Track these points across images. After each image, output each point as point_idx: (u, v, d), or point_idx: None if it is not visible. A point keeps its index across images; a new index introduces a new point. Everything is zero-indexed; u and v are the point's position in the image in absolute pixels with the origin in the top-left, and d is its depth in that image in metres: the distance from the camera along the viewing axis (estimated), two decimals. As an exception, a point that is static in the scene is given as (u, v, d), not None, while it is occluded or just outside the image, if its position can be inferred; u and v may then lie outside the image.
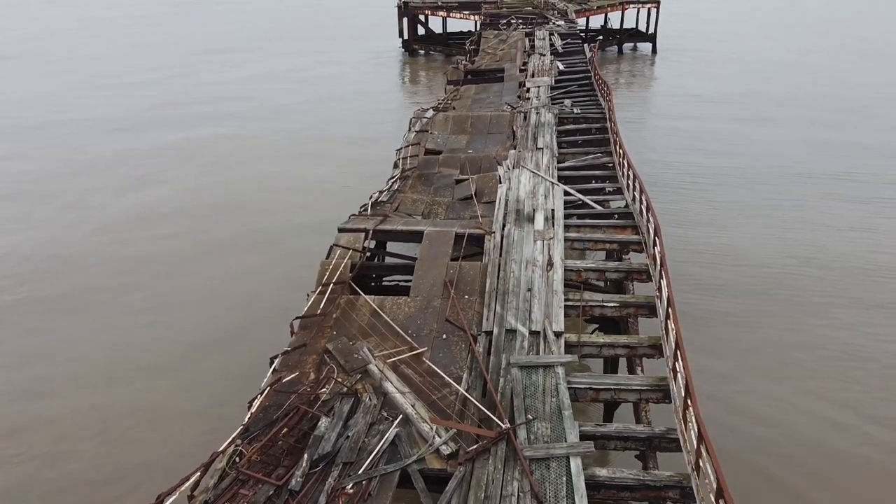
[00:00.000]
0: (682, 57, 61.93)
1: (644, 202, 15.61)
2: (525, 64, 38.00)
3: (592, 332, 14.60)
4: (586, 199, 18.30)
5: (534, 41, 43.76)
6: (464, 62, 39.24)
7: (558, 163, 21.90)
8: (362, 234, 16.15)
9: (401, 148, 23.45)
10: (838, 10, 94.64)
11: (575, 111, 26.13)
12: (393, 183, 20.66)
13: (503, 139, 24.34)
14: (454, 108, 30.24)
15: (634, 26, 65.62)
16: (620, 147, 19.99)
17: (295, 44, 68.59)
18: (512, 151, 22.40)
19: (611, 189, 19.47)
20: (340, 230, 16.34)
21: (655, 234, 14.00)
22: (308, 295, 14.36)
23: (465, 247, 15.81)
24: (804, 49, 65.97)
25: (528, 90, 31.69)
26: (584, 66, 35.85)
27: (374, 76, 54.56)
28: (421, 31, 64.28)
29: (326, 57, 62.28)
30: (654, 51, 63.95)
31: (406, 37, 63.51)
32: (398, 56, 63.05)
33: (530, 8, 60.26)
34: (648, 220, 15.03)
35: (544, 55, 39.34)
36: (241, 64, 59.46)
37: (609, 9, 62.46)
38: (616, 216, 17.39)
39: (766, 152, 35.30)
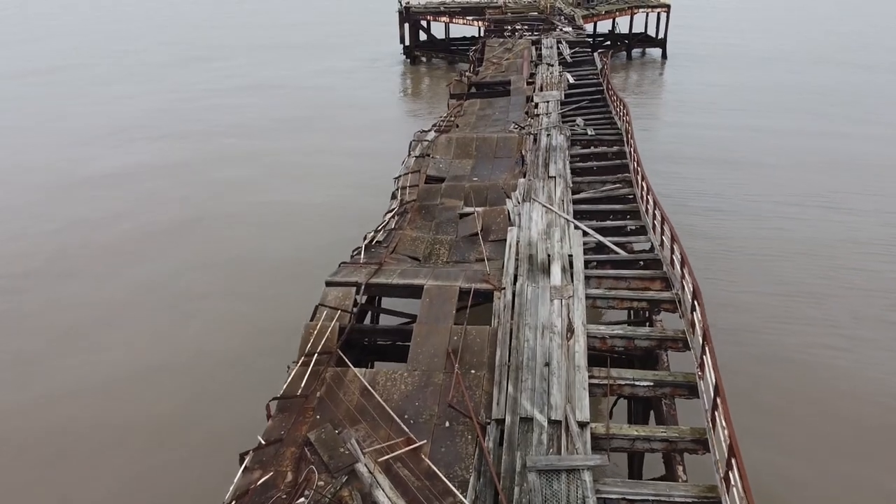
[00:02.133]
0: (692, 62, 59.85)
1: (677, 253, 13.56)
2: (532, 75, 35.97)
3: (621, 425, 12.59)
4: (607, 241, 16.25)
5: (541, 50, 41.71)
6: (467, 73, 37.20)
7: (572, 193, 19.88)
8: (353, 290, 14.14)
9: (399, 176, 21.41)
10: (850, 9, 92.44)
11: (589, 132, 24.07)
12: (390, 219, 18.64)
13: (511, 165, 22.30)
14: (457, 126, 28.24)
15: (643, 31, 63.54)
16: (643, 178, 17.94)
17: (291, 50, 66.75)
18: (521, 180, 20.37)
19: (633, 227, 17.41)
20: (328, 284, 14.31)
21: (694, 295, 11.95)
22: (288, 367, 12.34)
23: (472, 297, 13.82)
24: (815, 52, 63.78)
25: (536, 105, 29.66)
26: (595, 78, 33.79)
27: (374, 86, 52.48)
28: (423, 36, 62.30)
29: (325, 64, 60.31)
30: (664, 56, 61.94)
31: (407, 43, 61.52)
32: (399, 63, 61.04)
33: (536, 13, 58.22)
34: (683, 276, 12.98)
35: (552, 65, 37.30)
36: (232, 72, 57.51)
37: (617, 14, 60.44)
38: (641, 263, 15.34)
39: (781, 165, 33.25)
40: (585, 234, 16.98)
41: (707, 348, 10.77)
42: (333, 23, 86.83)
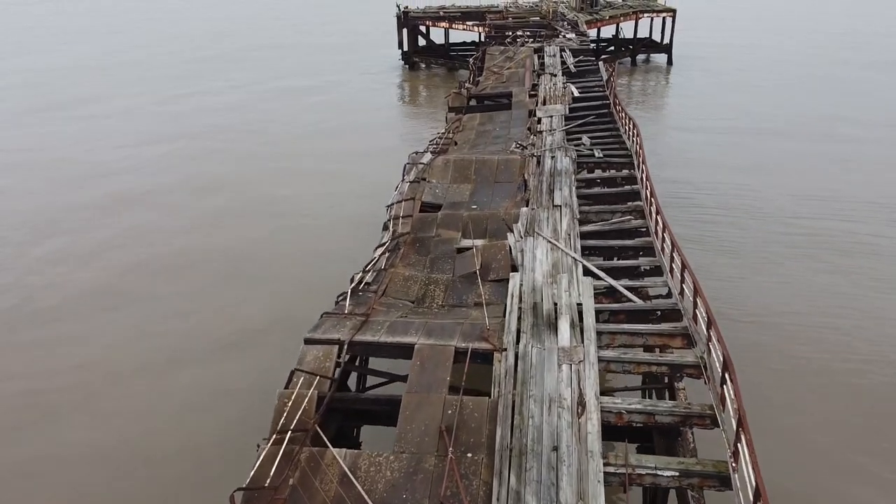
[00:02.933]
0: (699, 69, 58.19)
1: (701, 309, 11.95)
2: (535, 87, 34.33)
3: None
4: (619, 286, 14.62)
5: (543, 59, 40.06)
6: (466, 84, 35.59)
7: (580, 223, 18.26)
8: (335, 348, 12.54)
9: (391, 204, 19.81)
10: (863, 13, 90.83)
11: (596, 154, 22.45)
12: (381, 256, 17.02)
13: (513, 190, 20.69)
14: (455, 143, 26.65)
15: (648, 36, 61.89)
16: (657, 212, 16.32)
17: (285, 55, 65.12)
18: (524, 209, 18.76)
19: (647, 267, 15.79)
20: (307, 341, 12.71)
21: (725, 366, 10.34)
22: (258, 446, 10.74)
23: (469, 359, 12.23)
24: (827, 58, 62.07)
25: (539, 121, 28.04)
26: (600, 90, 32.15)
27: (371, 98, 50.72)
28: (422, 42, 60.68)
29: (320, 70, 58.61)
30: (669, 62, 60.29)
31: (406, 48, 59.91)
32: (397, 69, 59.41)
33: (538, 18, 56.58)
34: (710, 339, 11.37)
35: (555, 76, 35.67)
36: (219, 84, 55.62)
37: (622, 18, 58.78)
38: (659, 313, 13.72)
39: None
40: (595, 275, 15.40)
41: (743, 436, 9.18)
42: (326, 26, 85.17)
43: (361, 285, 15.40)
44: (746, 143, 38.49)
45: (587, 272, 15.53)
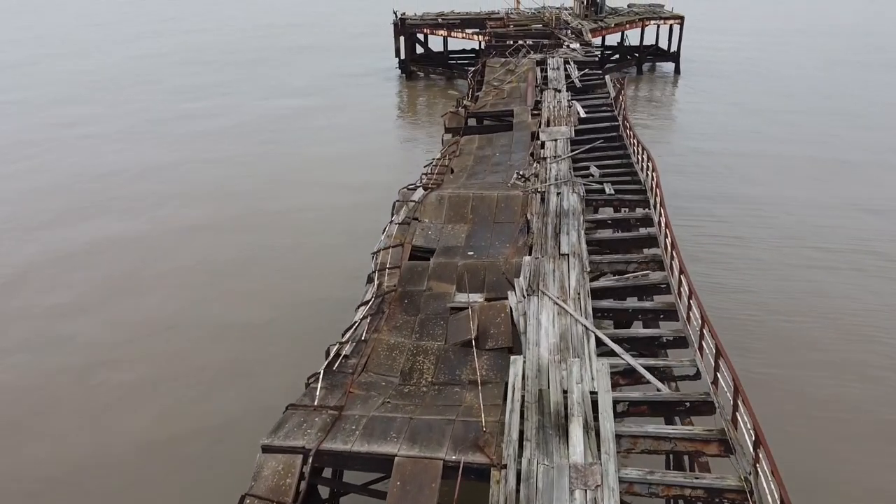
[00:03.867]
0: (708, 78, 55.99)
1: (745, 417, 9.76)
2: (538, 103, 32.16)
3: None
4: (640, 367, 12.43)
5: (546, 72, 37.85)
6: (465, 102, 33.40)
7: (590, 275, 16.08)
8: (298, 459, 10.35)
9: (377, 251, 17.62)
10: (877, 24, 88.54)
11: (607, 190, 20.25)
12: (363, 318, 14.84)
13: (514, 232, 18.49)
14: (451, 171, 24.47)
15: (655, 43, 59.65)
16: (681, 270, 14.11)
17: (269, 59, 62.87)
18: (527, 259, 16.58)
19: (670, 338, 13.60)
20: (265, 449, 10.51)
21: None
22: None
23: (461, 474, 10.06)
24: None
25: (542, 145, 25.87)
26: (608, 109, 29.96)
27: (364, 106, 48.54)
28: (419, 49, 58.48)
29: (310, 81, 56.26)
30: (677, 71, 58.11)
31: (403, 56, 57.69)
32: (394, 78, 57.21)
33: (540, 26, 54.39)
34: (758, 459, 9.18)
35: (560, 91, 33.48)
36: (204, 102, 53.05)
37: (627, 26, 56.54)
38: (688, 404, 11.54)
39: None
40: (609, 349, 13.22)
41: None
42: (315, 32, 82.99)
43: (339, 360, 13.22)
44: (757, 157, 36.34)
45: (599, 342, 13.40)
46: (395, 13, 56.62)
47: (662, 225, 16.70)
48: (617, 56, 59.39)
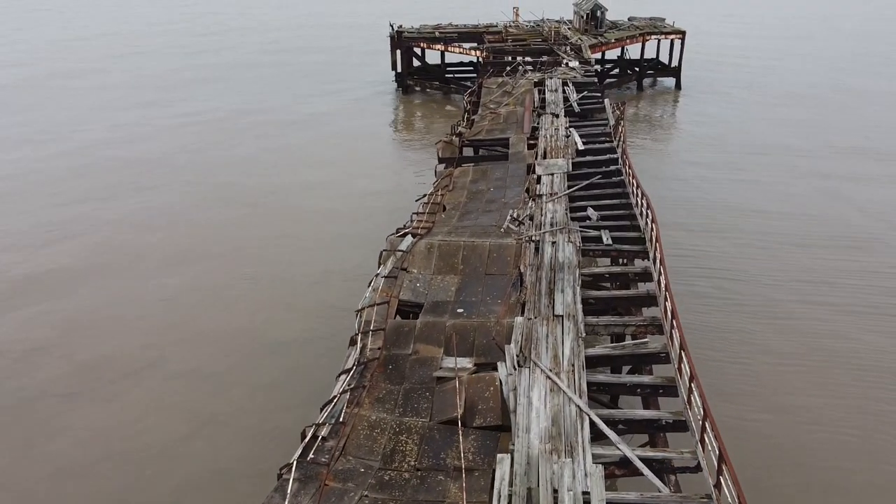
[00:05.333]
0: (710, 94, 55.16)
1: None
2: (534, 129, 31.34)
3: None
4: (637, 460, 11.58)
5: (544, 93, 37.02)
6: (460, 128, 32.54)
7: (585, 338, 15.21)
8: (263, 580, 9.49)
9: (362, 308, 16.74)
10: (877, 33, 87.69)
11: (605, 240, 19.37)
12: (344, 390, 13.97)
13: (506, 287, 17.62)
14: (444, 208, 23.63)
15: (655, 56, 58.81)
16: (682, 346, 13.23)
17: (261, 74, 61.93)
18: (519, 320, 15.70)
19: (669, 421, 12.74)
20: (227, 567, 9.67)
21: None
22: None
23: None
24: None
25: (538, 179, 25.03)
26: (607, 139, 29.10)
27: (359, 124, 47.63)
28: (416, 62, 57.62)
29: (300, 96, 55.19)
30: (678, 86, 57.25)
31: (399, 70, 56.84)
32: (390, 92, 56.34)
33: (540, 40, 53.55)
34: None
35: (557, 117, 32.65)
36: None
37: (628, 41, 55.67)
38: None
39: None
40: (604, 434, 12.36)
41: None
42: (310, 38, 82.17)
43: (314, 447, 12.34)
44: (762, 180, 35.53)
45: (594, 424, 12.53)
46: (392, 26, 55.79)
47: (662, 286, 15.82)
48: (617, 70, 58.58)
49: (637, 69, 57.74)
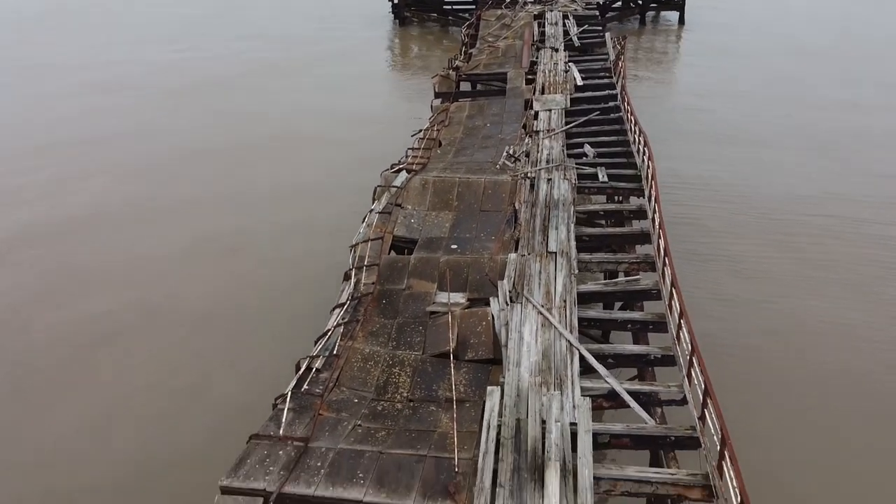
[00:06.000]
0: (714, 29, 53.81)
1: (729, 467, 9.19)
2: (533, 64, 30.79)
3: None
4: (624, 392, 11.85)
5: (544, 27, 36.19)
6: (457, 62, 31.89)
7: (577, 275, 15.31)
8: (259, 502, 9.81)
9: (356, 244, 16.76)
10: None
11: (601, 177, 19.27)
12: (338, 324, 14.13)
13: (500, 224, 17.64)
14: (440, 144, 23.40)
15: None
16: (673, 283, 13.34)
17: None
18: (512, 257, 15.78)
19: (658, 356, 12.97)
20: (224, 491, 9.96)
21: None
22: None
23: None
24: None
25: (536, 115, 24.73)
26: (607, 75, 28.60)
27: (354, 58, 46.62)
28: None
29: (290, 23, 53.83)
30: (681, 21, 55.85)
31: (397, 1, 55.27)
32: (386, 26, 54.92)
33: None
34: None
35: (557, 51, 32.00)
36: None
37: (631, -27, 53.93)
38: (672, 438, 11.00)
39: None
40: (593, 368, 12.60)
41: None
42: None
43: (308, 378, 12.57)
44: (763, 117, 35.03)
45: (583, 359, 12.76)
46: (389, -45, 54.02)
47: (656, 224, 15.84)
48: (619, 3, 57.01)
49: (640, 2, 56.21)
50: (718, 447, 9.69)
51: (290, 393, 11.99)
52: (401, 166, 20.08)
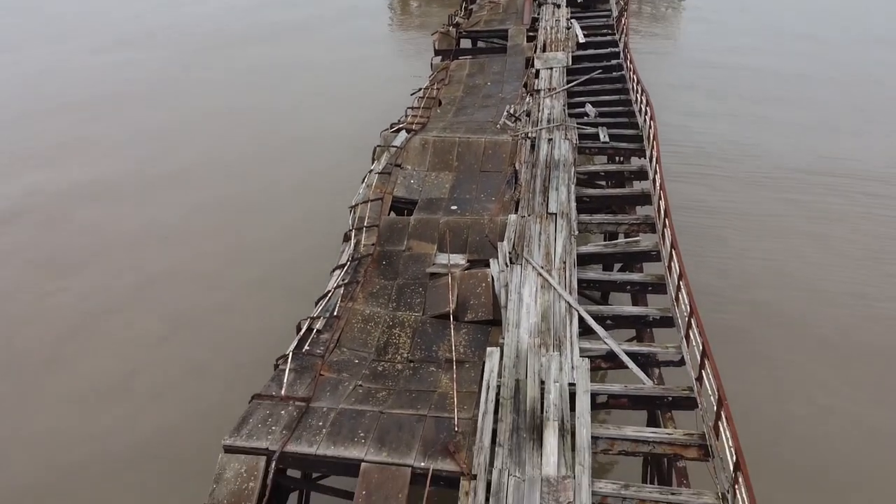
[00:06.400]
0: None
1: (725, 429, 9.32)
2: (535, 20, 30.22)
3: None
4: (623, 354, 11.95)
5: (546, -19, 35.31)
6: (458, 17, 31.30)
7: (578, 235, 15.30)
8: (262, 462, 9.96)
9: (355, 205, 16.69)
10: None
11: (602, 137, 19.08)
12: (338, 285, 14.17)
13: (500, 184, 17.54)
14: (440, 103, 23.11)
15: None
16: (673, 245, 13.32)
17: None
18: (512, 218, 15.73)
19: (657, 317, 13.03)
20: (227, 450, 10.11)
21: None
22: None
23: (430, 482, 9.72)
24: None
25: (537, 73, 24.39)
26: (609, 32, 28.11)
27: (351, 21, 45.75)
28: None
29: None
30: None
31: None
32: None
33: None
34: (735, 479, 8.80)
35: (559, 7, 31.36)
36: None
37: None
38: (670, 399, 11.13)
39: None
40: (593, 315, 12.69)
41: None
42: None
43: (309, 339, 12.65)
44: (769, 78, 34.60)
45: (582, 320, 12.83)
46: None
47: (657, 185, 15.75)
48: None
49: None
50: (715, 408, 9.80)
51: (291, 354, 12.09)
52: (400, 126, 19.86)
